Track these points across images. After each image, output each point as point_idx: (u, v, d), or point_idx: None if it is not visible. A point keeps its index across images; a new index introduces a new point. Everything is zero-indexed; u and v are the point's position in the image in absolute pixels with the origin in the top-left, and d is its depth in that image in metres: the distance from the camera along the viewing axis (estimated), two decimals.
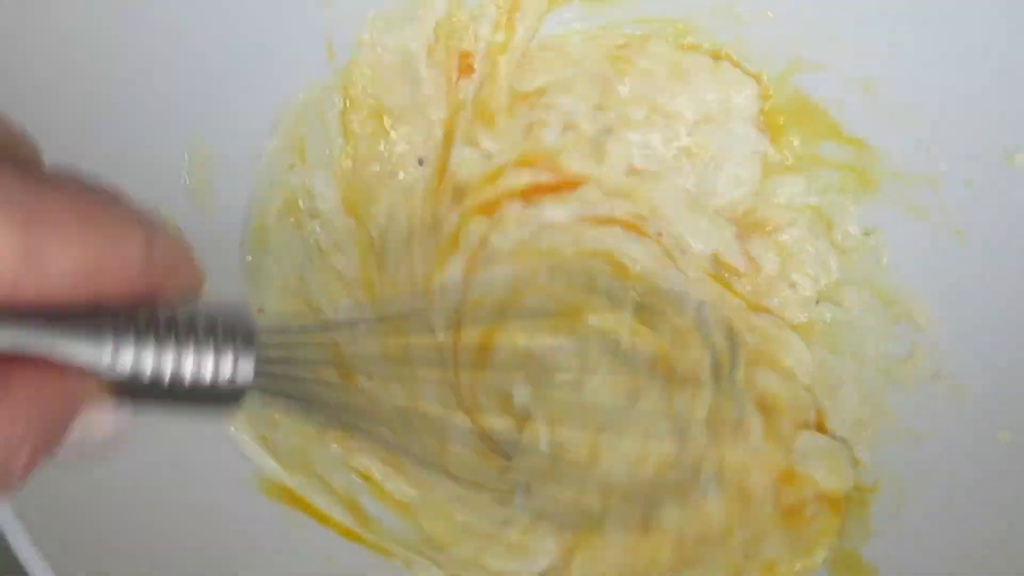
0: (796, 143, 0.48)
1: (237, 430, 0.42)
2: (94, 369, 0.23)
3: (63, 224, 0.21)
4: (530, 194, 0.50)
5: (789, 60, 0.47)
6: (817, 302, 0.48)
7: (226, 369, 0.25)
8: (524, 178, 0.49)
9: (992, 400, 0.41)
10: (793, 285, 0.49)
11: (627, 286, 0.48)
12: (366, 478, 0.44)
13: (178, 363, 0.24)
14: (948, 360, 0.44)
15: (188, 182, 0.43)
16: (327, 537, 0.42)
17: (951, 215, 0.45)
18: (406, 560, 0.43)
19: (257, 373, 0.25)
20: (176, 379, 0.24)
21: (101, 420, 0.24)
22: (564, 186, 0.50)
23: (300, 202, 0.46)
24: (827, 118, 0.47)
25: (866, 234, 0.48)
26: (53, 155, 0.25)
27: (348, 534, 0.43)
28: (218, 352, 0.24)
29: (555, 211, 0.50)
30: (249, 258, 0.44)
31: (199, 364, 0.24)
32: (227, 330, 0.25)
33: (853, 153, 0.47)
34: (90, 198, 0.22)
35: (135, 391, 0.24)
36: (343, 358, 0.43)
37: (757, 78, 0.48)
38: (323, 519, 0.42)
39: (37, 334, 0.22)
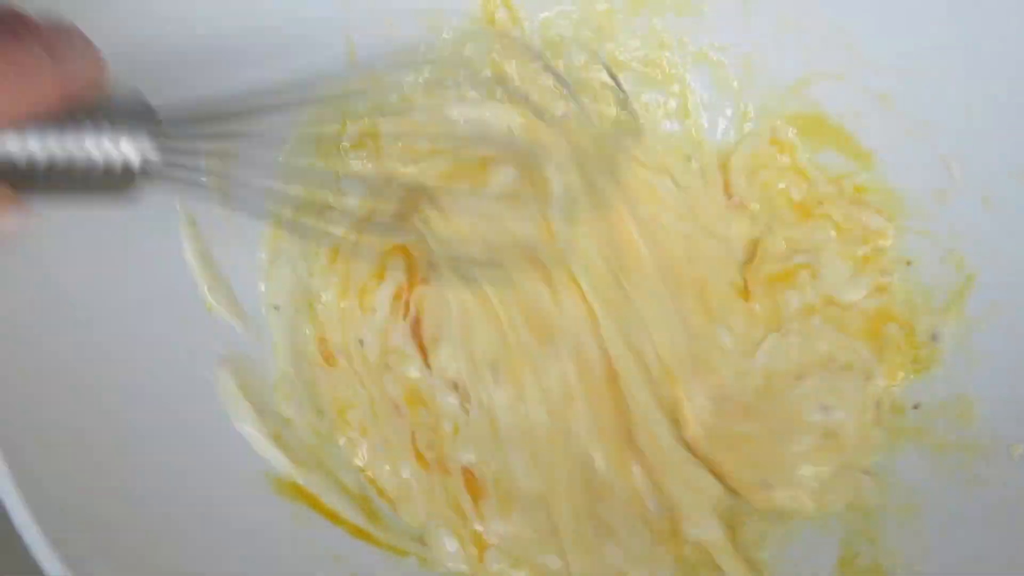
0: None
1: (249, 427, 0.42)
2: None
3: None
4: None
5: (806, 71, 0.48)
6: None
7: (126, 149, 0.25)
8: None
9: (1006, 418, 0.42)
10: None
11: None
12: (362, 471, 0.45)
13: (79, 147, 0.25)
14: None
15: None
16: (338, 536, 0.42)
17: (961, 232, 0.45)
18: (420, 557, 0.43)
19: (161, 158, 0.26)
20: (75, 162, 0.25)
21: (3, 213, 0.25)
22: None
23: None
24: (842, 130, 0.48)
25: None
26: None
27: (359, 533, 0.42)
28: (116, 133, 0.25)
29: None
30: None
31: (99, 146, 0.25)
32: (125, 113, 0.26)
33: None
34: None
35: (38, 180, 0.25)
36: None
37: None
38: (334, 517, 0.42)
39: None
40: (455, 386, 0.46)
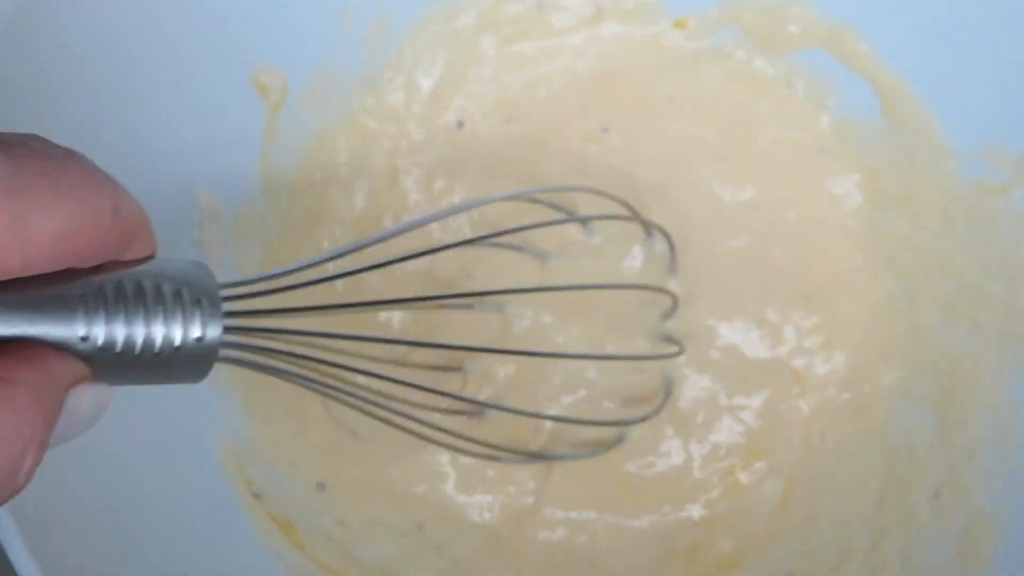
0: None
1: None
2: (70, 347, 0.24)
3: (42, 189, 0.22)
4: None
5: None
6: None
7: (194, 331, 0.26)
8: None
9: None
10: None
11: None
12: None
13: (148, 331, 0.25)
14: None
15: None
16: None
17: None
18: None
19: (226, 331, 0.26)
20: (148, 346, 0.25)
21: (85, 399, 0.24)
22: None
23: None
24: None
25: None
26: None
27: None
28: (186, 315, 0.26)
29: None
30: None
31: (170, 329, 0.25)
32: (193, 293, 0.26)
33: None
34: (61, 161, 0.23)
35: (109, 365, 0.25)
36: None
37: None
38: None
39: (17, 315, 0.23)
40: None
